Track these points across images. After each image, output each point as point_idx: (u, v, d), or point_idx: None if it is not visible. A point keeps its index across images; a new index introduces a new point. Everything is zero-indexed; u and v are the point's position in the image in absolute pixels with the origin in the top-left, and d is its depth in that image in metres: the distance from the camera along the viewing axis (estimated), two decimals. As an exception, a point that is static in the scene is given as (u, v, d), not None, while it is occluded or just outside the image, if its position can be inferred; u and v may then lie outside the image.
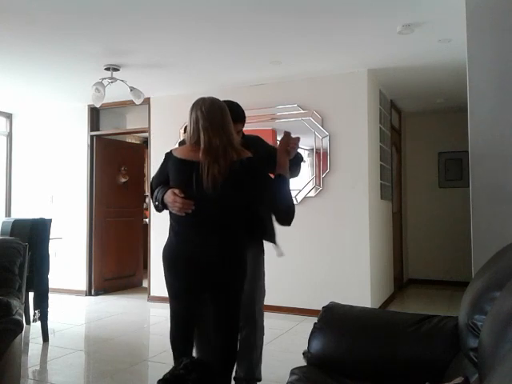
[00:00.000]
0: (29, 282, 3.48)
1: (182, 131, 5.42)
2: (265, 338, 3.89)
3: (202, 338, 2.48)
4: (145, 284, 6.45)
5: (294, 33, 3.82)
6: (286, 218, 2.23)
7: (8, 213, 6.67)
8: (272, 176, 2.26)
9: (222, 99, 2.34)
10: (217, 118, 2.14)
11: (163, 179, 2.24)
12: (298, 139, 2.38)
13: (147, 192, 6.66)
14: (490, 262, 1.67)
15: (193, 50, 4.23)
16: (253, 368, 2.67)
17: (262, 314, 2.73)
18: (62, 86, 5.43)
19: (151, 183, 2.38)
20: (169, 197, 2.11)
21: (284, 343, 3.92)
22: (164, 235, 2.36)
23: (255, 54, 4.34)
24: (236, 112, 2.39)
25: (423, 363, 1.67)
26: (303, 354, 1.95)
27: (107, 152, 6.44)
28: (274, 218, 2.31)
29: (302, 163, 2.78)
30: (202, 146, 2.10)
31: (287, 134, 2.36)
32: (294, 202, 2.31)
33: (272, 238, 2.60)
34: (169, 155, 2.25)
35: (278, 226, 2.46)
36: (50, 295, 4.02)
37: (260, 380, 2.72)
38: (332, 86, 4.94)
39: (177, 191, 2.10)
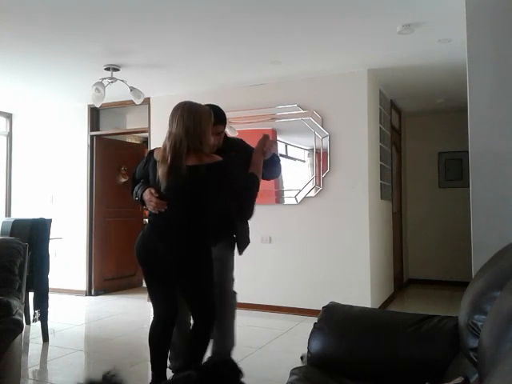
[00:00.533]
0: (29, 282, 3.47)
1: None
2: (265, 337, 3.90)
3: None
4: (145, 284, 6.45)
5: (294, 33, 3.82)
6: (247, 213, 2.45)
7: (8, 213, 6.67)
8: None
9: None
10: (179, 125, 2.28)
11: (143, 175, 2.47)
12: (274, 142, 2.62)
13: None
14: (490, 261, 1.67)
15: (193, 50, 4.23)
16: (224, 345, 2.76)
17: (232, 305, 2.84)
18: (62, 86, 5.43)
19: (133, 176, 2.60)
20: (146, 195, 2.34)
21: (284, 343, 3.92)
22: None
23: (255, 54, 4.33)
24: (217, 115, 2.53)
25: (423, 363, 1.67)
26: (301, 358, 1.95)
27: (107, 152, 6.44)
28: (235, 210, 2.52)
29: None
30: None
31: (265, 136, 2.56)
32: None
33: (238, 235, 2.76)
34: (150, 155, 2.44)
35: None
36: (50, 295, 4.01)
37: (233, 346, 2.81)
38: (332, 86, 4.94)
39: (153, 191, 2.31)
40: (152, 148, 2.59)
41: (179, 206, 2.30)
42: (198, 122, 2.29)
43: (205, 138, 2.30)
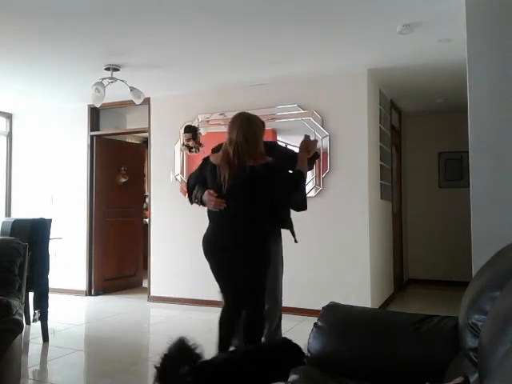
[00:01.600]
0: (29, 282, 3.47)
1: (182, 131, 5.43)
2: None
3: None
4: (145, 284, 6.45)
5: (294, 33, 3.82)
6: (302, 204, 2.89)
7: (8, 213, 6.67)
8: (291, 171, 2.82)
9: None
10: (239, 133, 2.65)
11: (200, 180, 2.78)
12: (316, 141, 3.02)
13: (147, 192, 6.68)
14: (490, 261, 1.67)
15: (193, 50, 4.23)
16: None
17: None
18: (62, 86, 5.43)
19: (188, 181, 2.93)
20: (205, 196, 2.68)
21: (284, 343, 3.91)
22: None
23: (255, 54, 4.33)
24: None
25: (423, 363, 1.67)
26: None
27: (107, 152, 6.44)
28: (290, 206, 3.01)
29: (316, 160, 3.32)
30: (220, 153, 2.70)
31: (307, 137, 2.93)
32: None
33: (290, 227, 3.12)
34: (206, 160, 2.79)
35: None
36: (50, 295, 4.01)
37: None
38: (332, 86, 4.94)
39: (212, 192, 2.65)
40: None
41: (241, 201, 2.64)
42: (253, 130, 2.69)
43: (259, 144, 2.70)
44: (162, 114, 5.81)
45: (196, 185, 2.78)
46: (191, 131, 5.25)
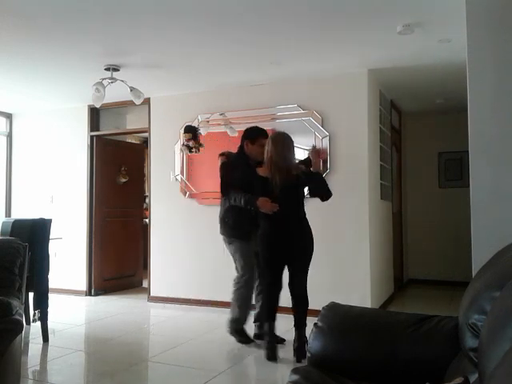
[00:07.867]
0: (29, 282, 3.47)
1: (182, 131, 5.43)
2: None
3: None
4: (145, 284, 6.45)
5: (294, 33, 3.82)
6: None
7: (8, 213, 6.67)
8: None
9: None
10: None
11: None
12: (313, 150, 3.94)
13: (147, 192, 6.67)
14: (490, 261, 1.67)
15: (193, 50, 4.23)
16: None
17: None
18: (62, 87, 5.43)
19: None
20: (260, 202, 3.47)
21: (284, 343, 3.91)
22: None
23: (255, 54, 4.33)
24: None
25: (423, 363, 1.67)
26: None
27: (107, 152, 6.44)
28: None
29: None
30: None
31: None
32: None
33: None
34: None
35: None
36: (50, 295, 4.01)
37: None
38: (332, 86, 4.94)
39: (267, 199, 3.46)
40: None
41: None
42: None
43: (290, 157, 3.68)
44: (162, 114, 5.81)
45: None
46: (191, 131, 5.25)
